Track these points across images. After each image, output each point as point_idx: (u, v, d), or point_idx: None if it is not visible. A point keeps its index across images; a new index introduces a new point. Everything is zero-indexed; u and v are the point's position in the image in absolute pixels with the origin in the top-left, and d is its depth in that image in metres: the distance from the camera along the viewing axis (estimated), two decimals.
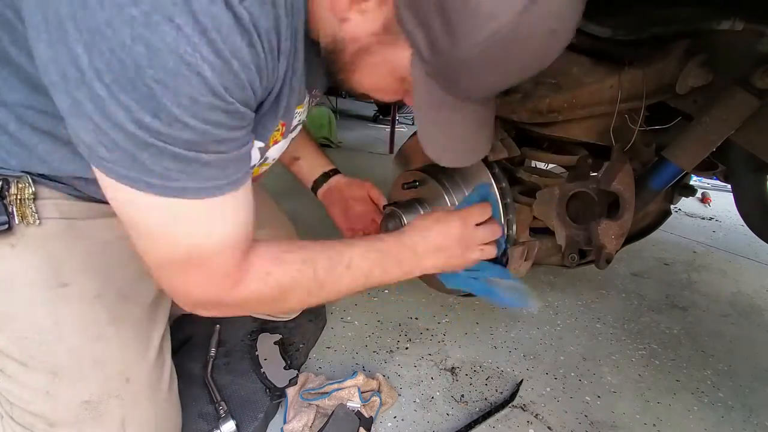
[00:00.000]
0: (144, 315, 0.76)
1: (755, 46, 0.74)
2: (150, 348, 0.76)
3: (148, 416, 0.73)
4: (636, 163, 0.99)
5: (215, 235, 0.53)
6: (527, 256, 0.87)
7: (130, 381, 0.71)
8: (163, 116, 0.42)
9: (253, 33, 0.43)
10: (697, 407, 1.07)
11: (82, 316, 0.69)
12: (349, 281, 0.67)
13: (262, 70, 0.47)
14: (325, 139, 3.80)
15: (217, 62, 0.41)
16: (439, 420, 0.97)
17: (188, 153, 0.45)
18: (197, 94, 0.42)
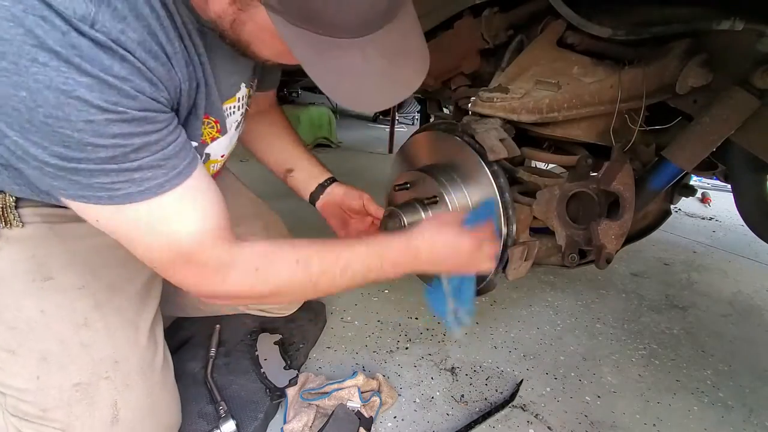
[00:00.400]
0: (131, 303, 0.79)
1: (755, 46, 0.74)
2: (139, 333, 0.78)
3: (140, 398, 0.74)
4: (636, 163, 0.98)
5: (184, 228, 0.57)
6: (527, 256, 0.87)
7: (119, 363, 0.73)
8: (72, 144, 0.47)
9: (118, 49, 0.46)
10: (697, 407, 1.07)
11: (67, 306, 0.72)
12: (344, 282, 0.68)
13: (151, 78, 0.51)
14: (325, 139, 3.80)
15: (90, 81, 0.45)
16: (439, 420, 0.97)
17: (113, 166, 0.50)
18: (87, 115, 0.46)
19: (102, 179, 0.50)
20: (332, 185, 1.01)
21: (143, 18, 0.49)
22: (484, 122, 0.88)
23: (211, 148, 0.75)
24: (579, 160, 0.88)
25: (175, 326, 1.18)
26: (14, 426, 0.70)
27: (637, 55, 0.86)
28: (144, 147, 0.51)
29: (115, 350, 0.73)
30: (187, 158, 0.57)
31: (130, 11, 0.47)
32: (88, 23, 0.44)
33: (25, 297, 0.70)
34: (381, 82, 0.55)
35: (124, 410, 0.72)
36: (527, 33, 1.02)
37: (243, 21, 0.52)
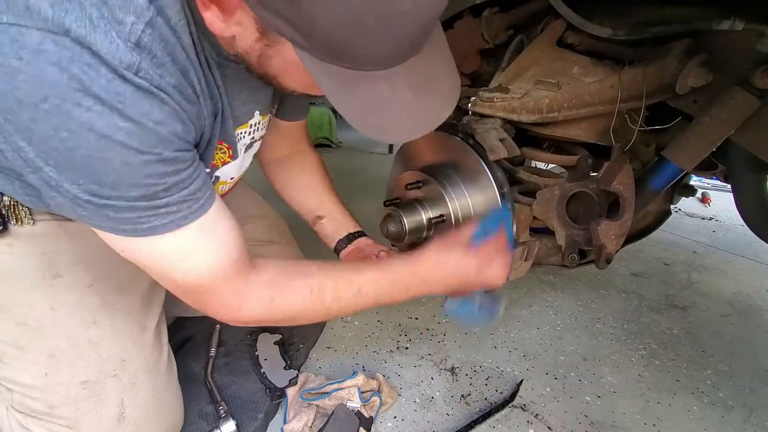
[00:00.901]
0: (138, 303, 0.80)
1: (755, 46, 0.74)
2: (146, 333, 0.79)
3: (146, 397, 0.75)
4: (636, 163, 0.99)
5: (202, 261, 0.59)
6: (527, 256, 0.87)
7: (126, 362, 0.74)
8: (107, 183, 0.49)
9: (158, 93, 0.48)
10: (697, 407, 1.07)
11: (76, 303, 0.73)
12: (356, 307, 0.70)
13: (183, 119, 0.53)
14: (325, 139, 3.80)
15: (131, 126, 0.47)
16: (439, 420, 0.97)
17: (143, 203, 0.51)
18: (125, 157, 0.48)
19: (129, 214, 0.52)
20: (361, 238, 0.98)
21: (179, 62, 0.51)
22: (484, 122, 0.88)
23: (221, 171, 0.76)
24: (579, 160, 0.88)
25: (176, 326, 1.18)
26: (19, 422, 0.71)
27: (637, 55, 0.86)
28: (174, 185, 0.53)
29: (122, 349, 0.74)
30: (207, 191, 0.58)
31: (169, 57, 0.49)
32: (133, 71, 0.46)
33: (35, 294, 0.71)
34: (409, 113, 0.54)
35: (130, 408, 0.73)
36: (527, 33, 1.02)
37: (270, 56, 0.53)
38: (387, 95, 0.51)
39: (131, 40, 0.45)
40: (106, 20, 0.44)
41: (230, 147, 0.73)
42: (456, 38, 1.09)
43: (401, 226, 0.85)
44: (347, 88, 0.49)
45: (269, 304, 0.65)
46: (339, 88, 0.49)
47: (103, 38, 0.43)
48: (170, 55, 0.50)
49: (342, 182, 2.82)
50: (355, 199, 2.29)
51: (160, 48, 0.48)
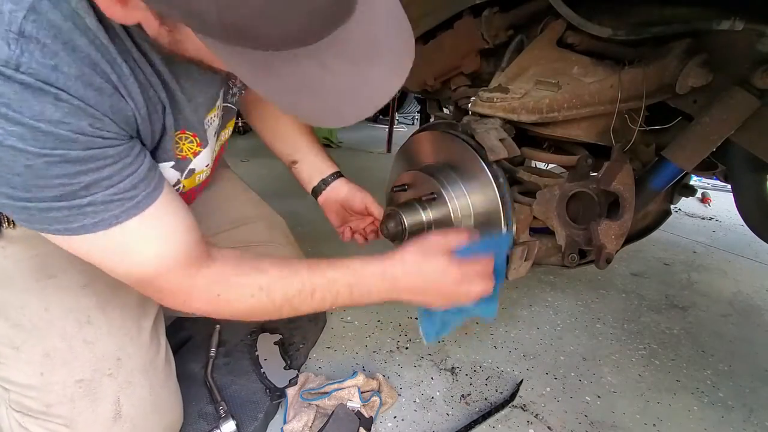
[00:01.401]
0: (133, 302, 0.79)
1: (755, 46, 0.74)
2: (142, 332, 0.79)
3: (143, 395, 0.75)
4: (636, 163, 0.98)
5: (143, 256, 0.57)
6: (527, 256, 0.86)
7: (122, 361, 0.74)
8: (17, 186, 0.47)
9: (49, 89, 0.44)
10: (697, 407, 1.07)
11: (70, 303, 0.73)
12: (310, 308, 0.67)
13: (93, 114, 0.48)
14: (325, 138, 3.80)
15: (21, 130, 0.43)
16: (439, 420, 0.97)
17: (63, 203, 0.49)
18: (24, 161, 0.45)
19: (54, 214, 0.50)
20: (336, 181, 0.98)
21: (79, 50, 0.46)
22: (484, 122, 0.88)
23: (194, 163, 0.74)
24: (579, 160, 0.88)
25: (176, 326, 1.18)
26: (17, 421, 0.71)
27: (637, 55, 0.86)
28: (94, 184, 0.50)
29: (117, 348, 0.74)
30: (147, 188, 0.56)
31: (63, 45, 0.44)
32: (12, 67, 0.41)
33: (30, 295, 0.71)
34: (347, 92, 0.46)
35: (126, 407, 0.73)
36: (527, 33, 1.02)
37: (179, 41, 0.48)
38: (317, 74, 0.43)
39: (12, 30, 0.41)
40: None
41: (195, 135, 0.70)
42: (456, 38, 1.09)
43: (401, 226, 0.85)
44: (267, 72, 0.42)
45: (216, 300, 0.63)
46: (257, 72, 0.43)
47: None
48: (65, 43, 0.44)
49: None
50: None
51: (49, 36, 0.43)
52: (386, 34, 0.47)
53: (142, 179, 0.55)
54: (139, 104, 0.54)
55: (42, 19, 0.42)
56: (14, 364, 0.69)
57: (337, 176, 0.99)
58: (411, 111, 5.70)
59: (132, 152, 0.54)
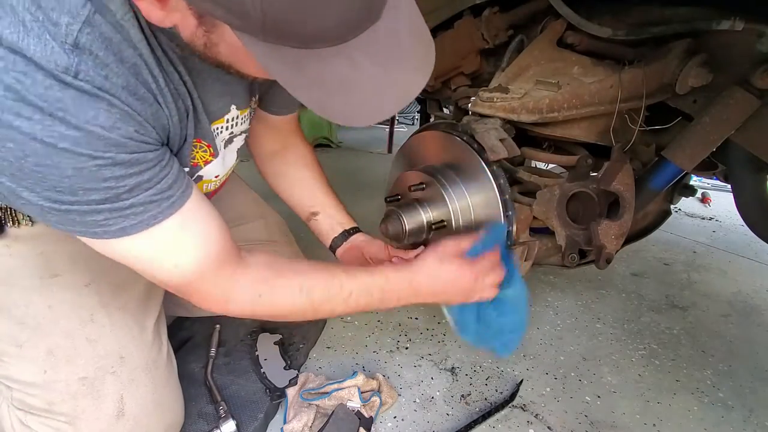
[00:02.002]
0: (136, 300, 0.80)
1: (755, 46, 0.74)
2: (144, 331, 0.79)
3: (145, 394, 0.75)
4: (636, 163, 0.99)
5: (183, 258, 0.58)
6: (527, 256, 0.87)
7: (125, 359, 0.74)
8: (63, 189, 0.48)
9: (103, 96, 0.46)
10: (697, 407, 1.07)
11: (74, 302, 0.73)
12: (344, 310, 0.70)
13: (138, 120, 0.50)
14: (324, 139, 3.80)
15: (77, 133, 0.45)
16: (439, 420, 0.97)
17: (105, 206, 0.50)
18: (76, 163, 0.46)
19: (95, 217, 0.51)
20: (356, 234, 0.97)
21: (126, 60, 0.48)
22: (484, 122, 0.88)
23: (204, 171, 0.75)
24: (579, 160, 0.88)
25: (176, 326, 1.18)
26: (19, 419, 0.71)
27: (637, 55, 0.86)
28: (136, 187, 0.52)
29: (120, 346, 0.75)
30: (180, 188, 0.57)
31: (114, 56, 0.47)
32: (71, 74, 0.44)
33: (34, 293, 0.71)
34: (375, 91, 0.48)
35: (129, 405, 0.73)
36: (527, 33, 1.02)
37: (215, 42, 0.49)
38: (347, 73, 0.45)
39: (68, 42, 0.43)
40: (40, 23, 0.42)
41: (210, 145, 0.72)
42: (456, 38, 1.09)
43: (401, 226, 0.85)
44: (300, 71, 0.44)
45: (257, 300, 0.65)
46: (291, 71, 0.44)
47: (37, 42, 0.42)
48: (115, 54, 0.47)
49: (342, 182, 2.82)
50: (355, 199, 2.29)
51: (101, 47, 0.46)
52: (410, 37, 0.49)
53: (175, 180, 0.57)
54: (172, 112, 0.57)
55: (95, 31, 0.45)
56: (17, 362, 0.70)
57: (357, 231, 0.98)
58: (411, 111, 5.70)
59: (166, 156, 0.56)
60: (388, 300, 0.72)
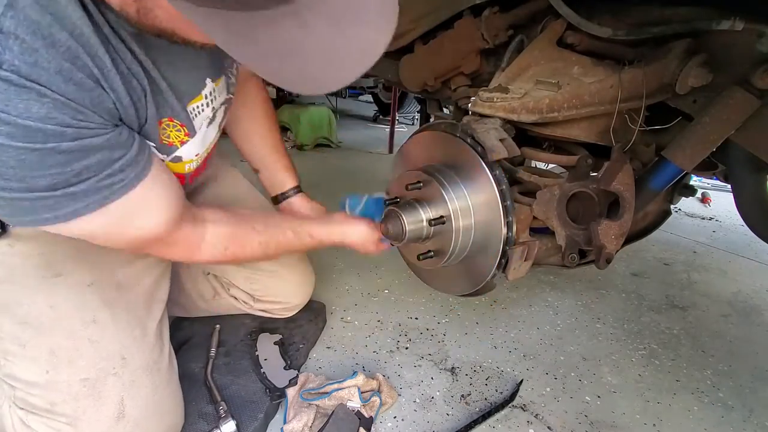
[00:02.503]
0: (139, 302, 0.80)
1: (755, 46, 0.74)
2: (147, 332, 0.79)
3: (147, 395, 0.75)
4: (636, 163, 0.98)
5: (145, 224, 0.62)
6: (527, 256, 0.86)
7: (126, 360, 0.74)
8: (10, 177, 0.47)
9: (33, 86, 0.44)
10: (697, 407, 1.07)
11: (77, 302, 0.73)
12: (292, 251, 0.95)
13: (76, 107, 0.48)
14: (325, 139, 3.80)
15: (10, 129, 0.44)
16: (439, 420, 0.97)
17: (56, 192, 0.50)
18: (17, 155, 0.45)
19: (46, 202, 0.51)
20: (294, 197, 1.09)
21: (60, 44, 0.45)
22: (484, 122, 0.88)
23: (181, 151, 0.74)
24: (579, 160, 0.88)
25: (175, 326, 1.18)
26: (20, 419, 0.71)
27: (637, 55, 0.86)
28: (85, 170, 0.51)
29: (122, 347, 0.75)
30: (136, 169, 0.58)
31: (43, 40, 0.43)
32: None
33: (36, 292, 0.71)
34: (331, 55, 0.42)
35: (130, 407, 0.73)
36: (527, 33, 1.02)
37: (149, 8, 0.46)
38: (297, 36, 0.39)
39: None
40: None
41: (183, 124, 0.70)
42: (456, 38, 1.09)
43: (401, 226, 0.85)
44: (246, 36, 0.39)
45: (223, 253, 0.78)
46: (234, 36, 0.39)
47: None
48: (45, 38, 0.43)
49: (342, 182, 2.82)
50: None
51: (27, 32, 0.42)
52: None
53: (132, 162, 0.57)
54: (120, 95, 0.54)
55: (19, 14, 0.42)
56: (20, 361, 0.70)
57: (296, 191, 1.09)
58: (411, 111, 5.70)
59: (120, 138, 0.55)
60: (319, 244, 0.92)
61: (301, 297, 1.20)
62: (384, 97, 5.67)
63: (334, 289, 1.48)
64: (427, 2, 1.12)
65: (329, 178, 2.83)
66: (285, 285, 1.16)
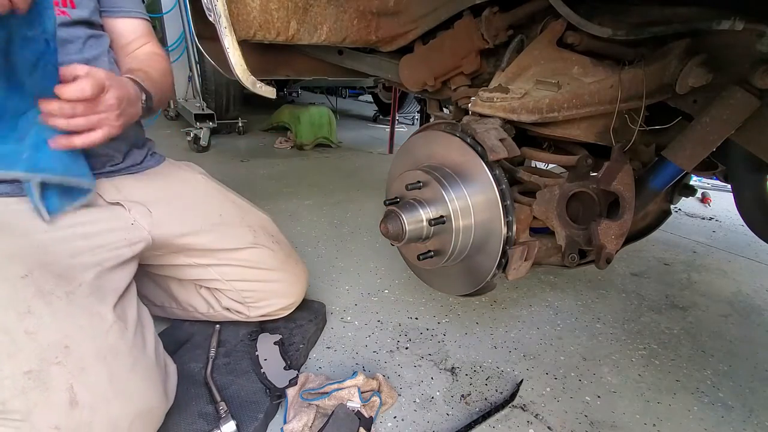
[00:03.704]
0: (85, 289, 0.78)
1: (755, 46, 0.74)
2: (95, 317, 0.77)
3: (100, 381, 0.73)
4: (636, 163, 0.99)
5: None
6: (527, 256, 0.87)
7: (69, 348, 0.72)
8: None
9: None
10: (697, 407, 1.07)
11: (9, 295, 0.71)
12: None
13: None
14: (325, 139, 3.80)
15: None
16: (439, 420, 0.97)
17: None
18: None
19: None
20: None
21: None
22: (484, 122, 0.88)
23: None
24: (579, 160, 0.88)
25: (176, 326, 1.18)
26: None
27: (637, 55, 0.86)
28: None
29: (64, 336, 0.72)
30: None
31: None
32: None
33: None
34: None
35: (81, 393, 0.70)
36: (527, 33, 1.02)
37: None
38: None
39: None
40: None
41: None
42: (456, 38, 1.09)
43: (401, 226, 0.85)
44: None
45: None
46: None
47: None
48: None
49: (342, 182, 2.82)
50: (356, 198, 2.29)
51: None
52: None
53: None
54: None
55: None
56: None
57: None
58: (411, 111, 5.70)
59: None
60: None
61: (296, 295, 1.20)
62: (384, 97, 5.67)
63: (334, 289, 1.48)
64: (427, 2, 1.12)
65: (329, 178, 2.83)
66: (276, 286, 1.16)
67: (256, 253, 1.11)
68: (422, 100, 1.65)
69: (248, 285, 1.12)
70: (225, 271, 1.10)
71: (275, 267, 1.15)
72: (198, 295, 1.15)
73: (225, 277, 1.10)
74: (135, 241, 0.94)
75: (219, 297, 1.14)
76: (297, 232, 1.88)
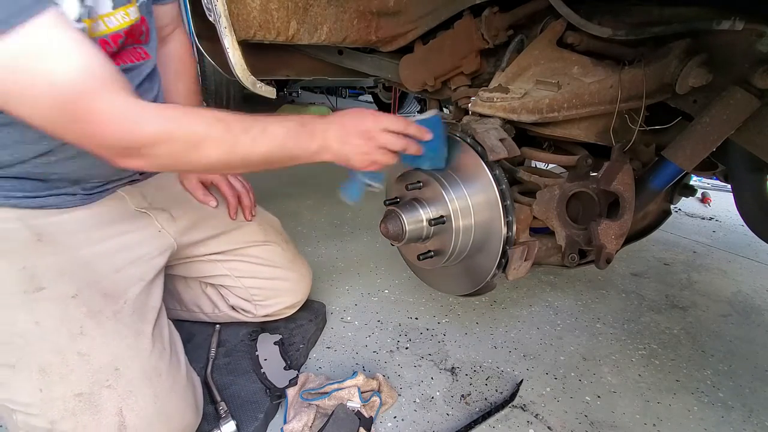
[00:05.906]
0: (129, 308, 0.79)
1: (755, 46, 0.74)
2: (141, 338, 0.77)
3: (146, 404, 0.73)
4: (636, 163, 0.99)
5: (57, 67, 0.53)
6: (527, 256, 0.87)
7: (120, 371, 0.73)
8: None
9: None
10: (697, 407, 1.07)
11: (61, 315, 0.71)
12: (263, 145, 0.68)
13: None
14: None
15: None
16: (439, 420, 0.97)
17: None
18: None
19: None
20: None
21: None
22: (484, 122, 0.88)
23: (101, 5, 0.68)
24: (579, 160, 0.88)
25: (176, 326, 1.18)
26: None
27: (637, 55, 0.86)
28: None
29: (114, 358, 0.73)
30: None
31: None
32: None
33: (19, 310, 0.69)
34: None
35: (130, 417, 0.71)
36: (527, 33, 1.02)
37: None
38: None
39: None
40: None
41: None
42: (456, 38, 1.09)
43: (401, 226, 0.85)
44: None
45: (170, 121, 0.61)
46: None
47: None
48: None
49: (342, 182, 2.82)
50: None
51: None
52: None
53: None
54: None
55: None
56: (14, 383, 0.68)
57: None
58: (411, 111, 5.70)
59: None
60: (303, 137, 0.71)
61: (302, 294, 1.20)
62: (384, 97, 5.67)
63: (334, 289, 1.48)
64: (427, 2, 1.12)
65: (329, 178, 2.83)
66: (284, 284, 1.16)
67: (267, 250, 1.12)
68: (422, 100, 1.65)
69: (257, 282, 1.12)
70: (235, 267, 1.10)
71: (284, 265, 1.15)
72: (203, 294, 1.15)
73: (235, 273, 1.10)
74: (164, 249, 0.94)
75: (226, 295, 1.14)
76: (297, 232, 1.88)
